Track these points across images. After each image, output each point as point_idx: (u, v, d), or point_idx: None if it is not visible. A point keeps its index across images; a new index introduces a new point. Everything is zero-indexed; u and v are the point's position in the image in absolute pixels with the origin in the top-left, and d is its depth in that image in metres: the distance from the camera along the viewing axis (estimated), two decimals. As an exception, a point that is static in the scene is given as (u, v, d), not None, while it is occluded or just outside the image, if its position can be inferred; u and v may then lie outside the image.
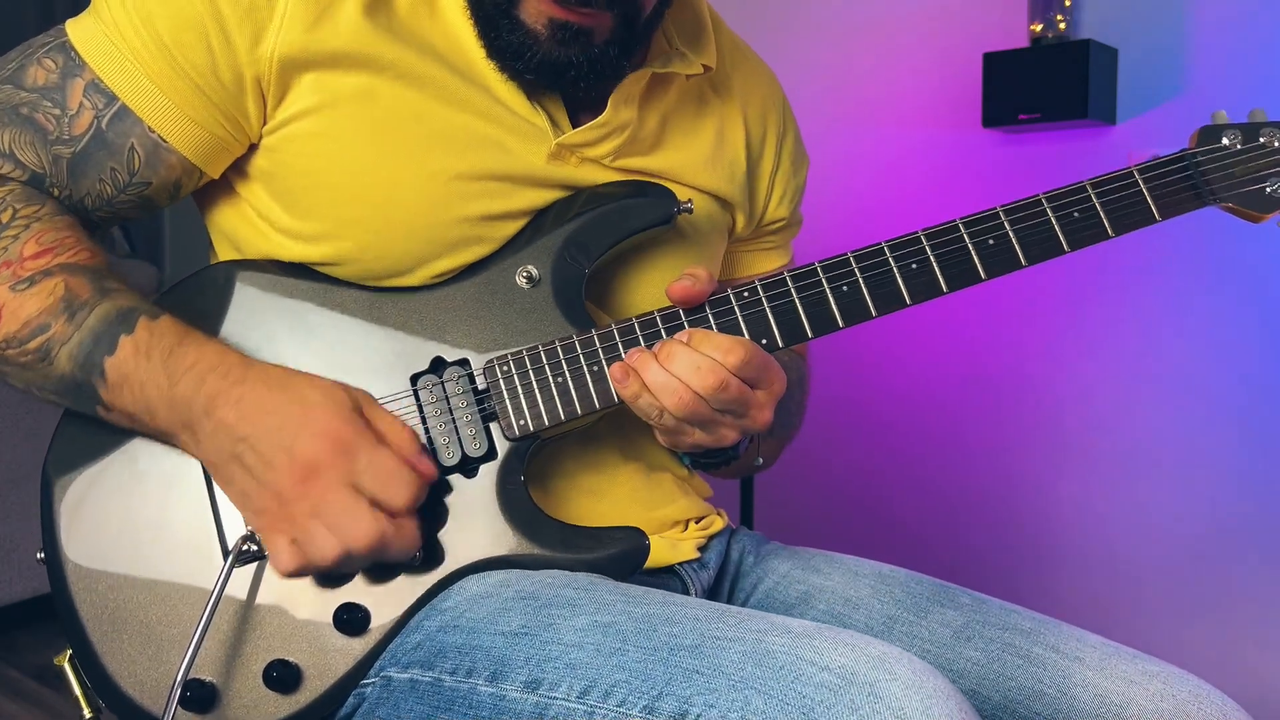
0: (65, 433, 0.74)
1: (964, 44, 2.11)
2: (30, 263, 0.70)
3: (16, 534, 2.26)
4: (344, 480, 0.67)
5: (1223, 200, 0.76)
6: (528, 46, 0.73)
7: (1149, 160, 0.76)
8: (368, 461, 0.68)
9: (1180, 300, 1.92)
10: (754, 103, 0.93)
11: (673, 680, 0.59)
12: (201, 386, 0.68)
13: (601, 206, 0.77)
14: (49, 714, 1.98)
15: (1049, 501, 2.10)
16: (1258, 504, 1.87)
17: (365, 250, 0.75)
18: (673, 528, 0.86)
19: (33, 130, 0.72)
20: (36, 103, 0.72)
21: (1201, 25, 1.87)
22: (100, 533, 0.72)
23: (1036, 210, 0.74)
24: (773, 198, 0.96)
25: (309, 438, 0.67)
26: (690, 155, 0.86)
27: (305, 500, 0.66)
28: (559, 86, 0.78)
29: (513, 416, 0.74)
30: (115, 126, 0.73)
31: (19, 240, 0.71)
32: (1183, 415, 1.94)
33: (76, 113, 0.72)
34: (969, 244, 0.73)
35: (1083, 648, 0.76)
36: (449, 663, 0.68)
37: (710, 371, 0.69)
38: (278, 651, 0.71)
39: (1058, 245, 0.74)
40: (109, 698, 0.71)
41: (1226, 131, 0.77)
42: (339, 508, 0.66)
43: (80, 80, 0.72)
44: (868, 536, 2.31)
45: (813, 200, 1.01)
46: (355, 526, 0.66)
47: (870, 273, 0.73)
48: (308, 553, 0.66)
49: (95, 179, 0.74)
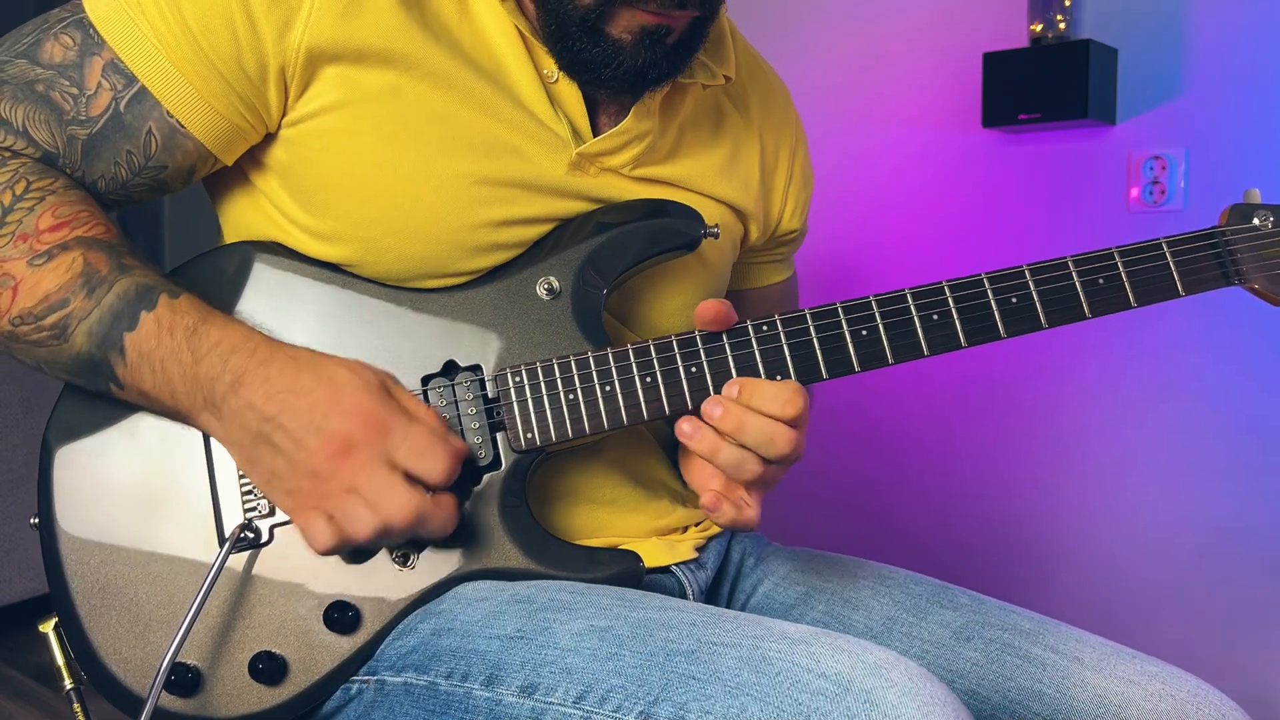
0: (68, 400, 0.73)
1: (964, 44, 2.11)
2: (47, 235, 0.69)
3: (16, 534, 2.26)
4: (380, 456, 0.67)
5: (1248, 281, 0.76)
6: (612, 57, 0.73)
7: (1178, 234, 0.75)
8: (402, 437, 0.67)
9: (1180, 301, 1.91)
10: (769, 115, 0.94)
11: (669, 686, 0.59)
12: (226, 365, 0.68)
13: (627, 225, 0.77)
14: (49, 714, 1.98)
15: (1048, 503, 2.10)
16: (1257, 505, 1.87)
17: (384, 252, 0.74)
18: (670, 532, 0.86)
19: (48, 109, 0.70)
20: (53, 80, 0.70)
21: (1201, 25, 1.87)
22: (97, 504, 0.72)
23: (1062, 273, 0.74)
24: (786, 209, 0.96)
25: (341, 416, 0.67)
26: (706, 165, 0.86)
27: (341, 477, 0.66)
28: (636, 91, 0.78)
29: (520, 428, 0.73)
30: (133, 109, 0.71)
31: (34, 213, 0.69)
32: (1182, 417, 1.94)
33: (94, 93, 0.70)
34: (992, 300, 0.73)
35: (1082, 648, 0.76)
36: (444, 666, 0.67)
37: (785, 440, 0.69)
38: (266, 643, 0.71)
39: (1079, 310, 0.74)
40: (91, 671, 0.71)
41: (1258, 212, 0.76)
42: (376, 483, 0.66)
43: (99, 59, 0.70)
44: (867, 538, 2.31)
45: (813, 200, 1.01)
46: (393, 501, 0.66)
47: (891, 319, 0.73)
48: (345, 529, 0.66)
49: (110, 161, 0.72)
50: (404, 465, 0.67)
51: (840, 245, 2.27)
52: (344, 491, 0.66)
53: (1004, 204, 2.10)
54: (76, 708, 0.75)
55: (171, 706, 0.70)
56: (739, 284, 0.98)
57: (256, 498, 0.72)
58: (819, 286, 2.14)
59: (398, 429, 0.67)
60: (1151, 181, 1.93)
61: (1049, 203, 2.05)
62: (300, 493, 0.67)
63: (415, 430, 0.68)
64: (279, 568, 0.72)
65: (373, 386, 0.69)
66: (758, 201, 0.90)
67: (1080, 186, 2.02)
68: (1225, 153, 1.86)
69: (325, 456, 0.66)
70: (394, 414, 0.68)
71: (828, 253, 2.28)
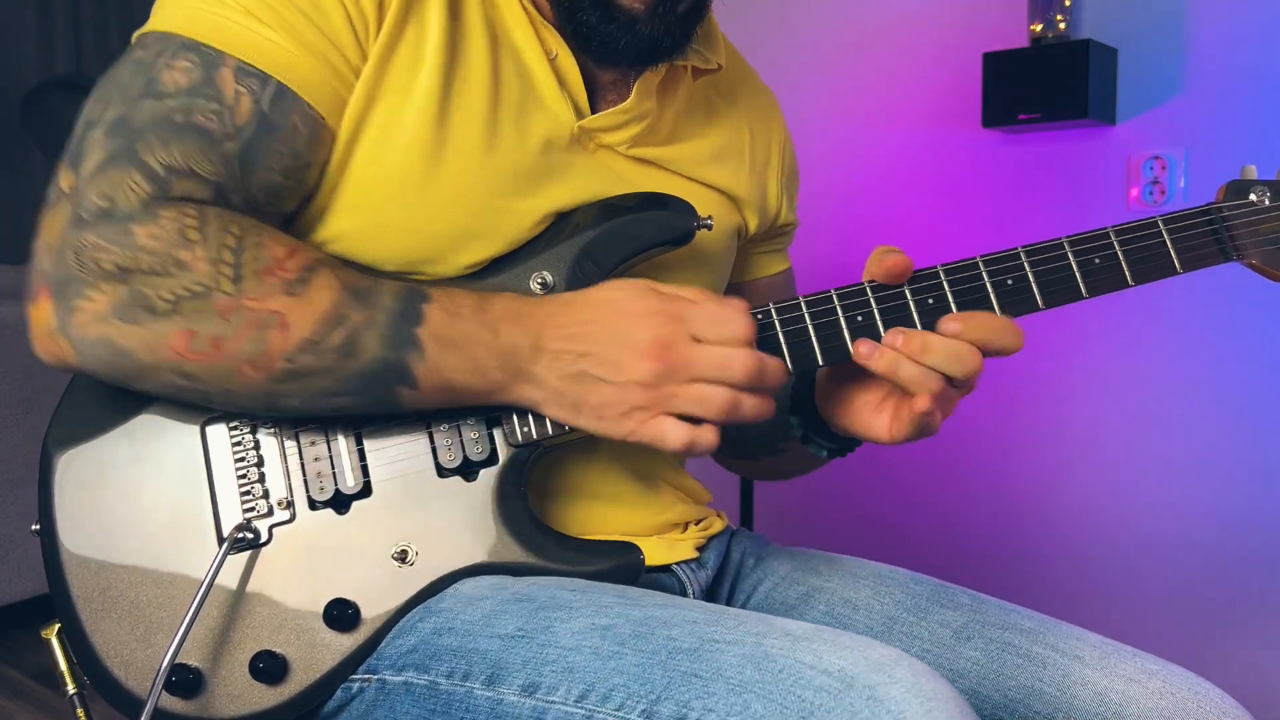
0: (68, 406, 0.73)
1: (964, 44, 2.11)
2: (289, 263, 0.67)
3: (16, 534, 2.26)
4: (689, 341, 0.68)
5: (1246, 256, 0.75)
6: (627, 28, 0.75)
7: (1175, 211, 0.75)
8: (695, 315, 0.68)
9: (1184, 299, 1.91)
10: (756, 110, 0.95)
11: (671, 684, 0.59)
12: (521, 329, 0.68)
13: (620, 218, 0.77)
14: (49, 714, 1.98)
15: (1048, 503, 2.10)
16: (1259, 503, 1.87)
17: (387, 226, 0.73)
18: (671, 530, 0.86)
19: (196, 136, 0.67)
20: (189, 105, 0.67)
21: (1201, 25, 1.87)
22: (96, 509, 0.72)
23: (1058, 253, 0.73)
24: (784, 199, 0.97)
25: (639, 323, 0.68)
26: (698, 150, 0.87)
27: (672, 374, 0.67)
28: (650, 63, 0.79)
29: (517, 423, 0.73)
30: (276, 106, 0.69)
31: (263, 246, 0.66)
32: (1185, 415, 1.94)
33: (235, 102, 0.68)
34: (987, 283, 0.73)
35: (1082, 647, 0.76)
36: (444, 666, 0.67)
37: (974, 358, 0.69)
38: (266, 642, 0.71)
39: (1077, 290, 0.73)
40: (94, 675, 0.71)
41: (1254, 188, 0.76)
42: (705, 362, 0.67)
43: (226, 69, 0.68)
44: (867, 538, 2.31)
45: (813, 200, 1.02)
46: (729, 367, 0.67)
47: (886, 304, 0.73)
48: (707, 411, 0.67)
49: (265, 168, 0.70)
50: (714, 338, 0.68)
51: (840, 245, 2.27)
52: (683, 382, 0.67)
53: (1004, 204, 2.10)
54: (80, 713, 0.75)
55: (173, 708, 0.70)
56: (740, 275, 0.98)
57: (255, 498, 0.72)
58: (818, 285, 2.13)
59: (688, 311, 0.69)
60: (1151, 181, 1.93)
61: (1049, 203, 2.05)
62: (639, 407, 0.68)
63: (703, 307, 0.69)
64: (278, 567, 0.72)
65: (643, 289, 0.70)
66: (750, 188, 0.91)
67: (1080, 186, 2.02)
68: (1225, 153, 1.86)
69: (648, 364, 0.67)
70: (676, 302, 0.69)
71: (827, 252, 2.28)
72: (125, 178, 0.65)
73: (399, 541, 0.72)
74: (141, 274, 0.64)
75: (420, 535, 0.73)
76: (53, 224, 0.66)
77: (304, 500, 0.72)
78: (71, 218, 0.65)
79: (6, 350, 2.24)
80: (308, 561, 0.72)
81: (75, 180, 0.66)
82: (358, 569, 0.72)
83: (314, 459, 0.73)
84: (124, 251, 0.64)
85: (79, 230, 0.65)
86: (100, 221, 0.65)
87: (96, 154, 0.66)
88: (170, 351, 0.65)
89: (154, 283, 0.64)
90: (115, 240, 0.64)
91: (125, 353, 0.65)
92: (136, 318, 0.64)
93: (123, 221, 0.64)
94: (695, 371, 0.67)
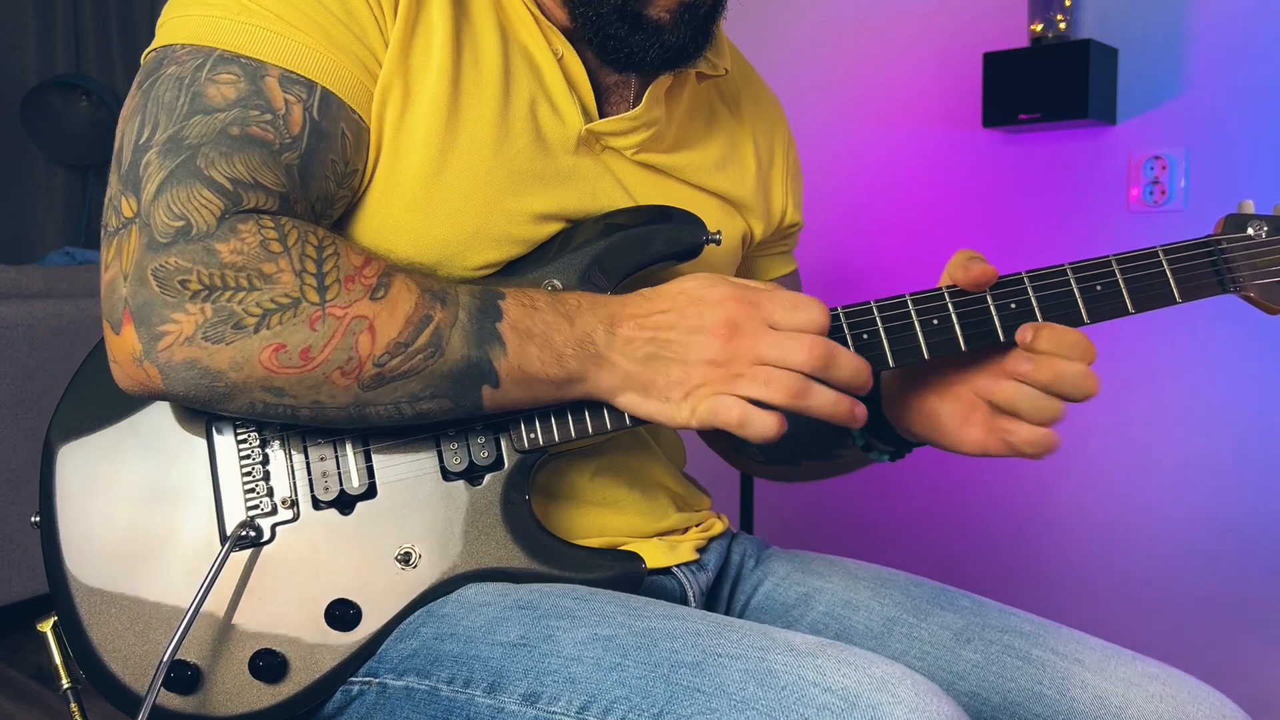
0: (71, 400, 0.73)
1: (964, 44, 2.11)
2: (367, 270, 0.66)
3: (16, 534, 2.26)
4: (762, 324, 0.68)
5: (1243, 289, 0.77)
6: (654, 38, 0.75)
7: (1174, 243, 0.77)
8: (769, 301, 0.69)
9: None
10: (760, 114, 0.95)
11: (674, 698, 0.59)
12: (595, 316, 0.69)
13: (632, 229, 0.77)
14: (49, 714, 1.98)
15: (1048, 504, 2.10)
16: (1257, 505, 1.87)
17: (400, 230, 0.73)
18: (670, 534, 0.86)
19: (255, 147, 0.66)
20: (242, 116, 0.66)
21: (1201, 25, 1.87)
22: (98, 503, 0.71)
23: (1061, 279, 0.74)
24: (789, 200, 0.97)
25: (712, 308, 0.69)
26: (702, 158, 0.87)
27: (742, 353, 0.68)
28: (675, 67, 0.79)
29: (524, 429, 0.73)
30: (325, 113, 0.69)
31: (341, 255, 0.66)
32: (1183, 417, 1.94)
33: (285, 110, 0.67)
34: (991, 306, 0.74)
35: (1082, 650, 0.76)
36: (445, 672, 0.67)
37: (1093, 381, 0.72)
38: (266, 641, 0.71)
39: (1078, 316, 0.75)
40: (91, 670, 0.71)
41: (1252, 222, 0.78)
42: (775, 345, 0.68)
43: (270, 78, 0.67)
44: (867, 539, 2.31)
45: (813, 200, 1.02)
46: (798, 350, 0.67)
47: (891, 323, 0.73)
48: (772, 394, 0.67)
49: (322, 177, 0.69)
50: (786, 323, 0.69)
51: (840, 245, 2.27)
52: (751, 363, 0.68)
53: (1004, 204, 2.11)
54: (74, 707, 0.75)
55: (171, 705, 0.70)
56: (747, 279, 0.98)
57: (259, 496, 0.72)
58: (819, 286, 2.14)
59: (762, 298, 0.69)
60: (1151, 181, 1.93)
61: (1049, 203, 2.05)
62: (708, 384, 0.68)
63: (778, 294, 0.70)
64: (280, 566, 0.72)
65: (717, 278, 0.71)
66: (755, 194, 0.91)
67: (1080, 186, 2.02)
68: (1225, 153, 1.86)
69: (720, 343, 0.68)
70: (750, 289, 0.70)
71: (828, 252, 2.28)
72: (194, 195, 0.64)
73: (403, 544, 0.72)
74: (228, 290, 0.63)
75: (424, 538, 0.73)
76: (125, 251, 0.64)
77: (308, 500, 0.72)
78: (146, 242, 0.63)
79: (6, 350, 2.25)
80: (310, 561, 0.72)
81: (139, 205, 0.64)
82: (361, 570, 0.72)
83: (320, 459, 0.73)
84: (208, 270, 0.63)
85: (156, 253, 0.63)
86: (178, 242, 0.63)
87: (156, 176, 0.64)
88: (259, 367, 0.64)
89: (240, 298, 0.63)
90: (199, 259, 0.63)
91: (214, 373, 0.64)
92: (224, 336, 0.63)
93: (202, 239, 0.63)
94: (762, 353, 0.68)
